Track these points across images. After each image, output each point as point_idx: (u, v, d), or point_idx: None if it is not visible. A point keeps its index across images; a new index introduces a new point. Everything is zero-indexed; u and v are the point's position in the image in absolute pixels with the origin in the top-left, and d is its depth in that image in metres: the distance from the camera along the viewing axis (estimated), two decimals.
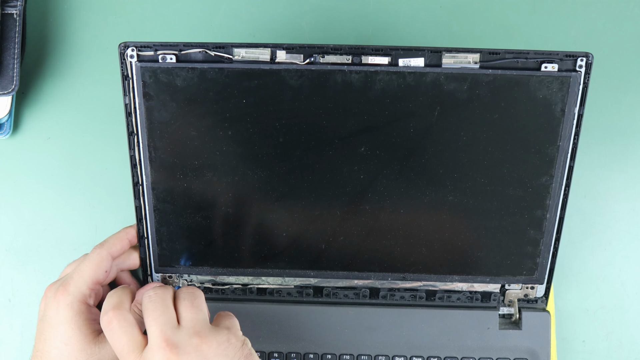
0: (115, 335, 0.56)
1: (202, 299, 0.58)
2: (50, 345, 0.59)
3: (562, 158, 0.61)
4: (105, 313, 0.57)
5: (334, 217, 0.63)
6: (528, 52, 0.58)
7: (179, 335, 0.55)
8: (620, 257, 0.72)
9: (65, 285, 0.61)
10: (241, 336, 0.57)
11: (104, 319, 0.56)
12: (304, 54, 0.58)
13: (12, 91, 0.68)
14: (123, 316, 0.56)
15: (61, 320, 0.60)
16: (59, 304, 0.60)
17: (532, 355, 0.67)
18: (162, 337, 0.54)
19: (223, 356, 0.54)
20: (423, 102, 0.59)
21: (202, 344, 0.54)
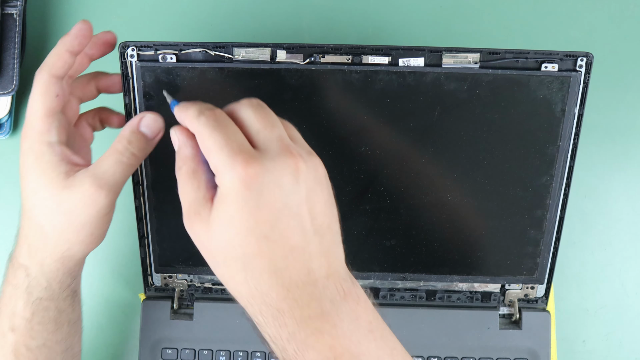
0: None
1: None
2: (23, 199, 0.53)
3: (562, 158, 0.61)
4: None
5: None
6: (528, 52, 0.58)
7: (296, 148, 0.47)
8: (620, 257, 0.72)
9: (23, 129, 0.53)
10: None
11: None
12: (304, 53, 0.58)
13: (12, 91, 0.68)
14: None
15: (25, 168, 0.52)
16: (22, 152, 0.52)
17: (532, 355, 0.67)
18: (283, 142, 0.47)
19: (327, 189, 0.48)
20: (423, 102, 0.59)
21: (317, 164, 0.48)
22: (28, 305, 0.54)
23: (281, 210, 0.45)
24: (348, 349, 0.46)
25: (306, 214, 0.46)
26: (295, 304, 0.46)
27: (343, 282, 0.47)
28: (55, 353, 0.56)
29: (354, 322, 0.46)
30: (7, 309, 0.54)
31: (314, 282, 0.46)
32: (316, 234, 0.46)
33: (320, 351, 0.46)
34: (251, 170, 0.45)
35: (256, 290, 0.46)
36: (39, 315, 0.54)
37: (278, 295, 0.46)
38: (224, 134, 0.46)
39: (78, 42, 0.53)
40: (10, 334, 0.54)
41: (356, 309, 0.47)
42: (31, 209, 0.53)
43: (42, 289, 0.54)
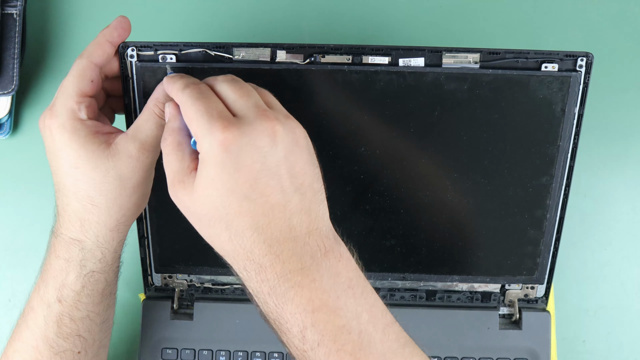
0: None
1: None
2: (61, 177, 0.55)
3: (562, 158, 0.61)
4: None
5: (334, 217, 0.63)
6: (528, 52, 0.58)
7: (273, 112, 0.50)
8: (620, 257, 0.72)
9: (51, 108, 0.55)
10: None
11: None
12: (304, 53, 0.58)
13: (12, 91, 0.68)
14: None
15: (60, 145, 0.54)
16: (51, 131, 0.54)
17: (532, 355, 0.67)
18: (259, 107, 0.49)
19: (307, 151, 0.50)
20: (423, 102, 0.59)
21: (296, 127, 0.50)
22: (80, 278, 0.56)
23: (260, 171, 0.48)
24: (326, 302, 0.48)
25: (285, 173, 0.48)
26: (276, 259, 0.48)
27: (325, 239, 0.49)
28: (95, 324, 0.58)
29: (334, 277, 0.48)
30: (56, 281, 0.56)
31: (295, 239, 0.48)
32: (296, 192, 0.49)
33: (298, 304, 0.48)
34: (228, 134, 0.47)
35: (240, 248, 0.49)
36: (89, 288, 0.56)
37: (260, 251, 0.48)
38: (205, 103, 0.49)
39: (118, 33, 0.57)
40: (57, 305, 0.56)
41: (336, 266, 0.49)
42: (75, 184, 0.54)
43: (97, 261, 0.56)
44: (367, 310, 0.49)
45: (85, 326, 0.57)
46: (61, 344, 0.56)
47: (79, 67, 0.55)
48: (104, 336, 0.60)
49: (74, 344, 0.57)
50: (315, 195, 0.50)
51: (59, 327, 0.56)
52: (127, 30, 0.57)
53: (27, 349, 0.56)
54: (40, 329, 0.56)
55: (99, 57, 0.56)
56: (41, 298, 0.56)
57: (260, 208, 0.48)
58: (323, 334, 0.48)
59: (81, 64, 0.55)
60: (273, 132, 0.48)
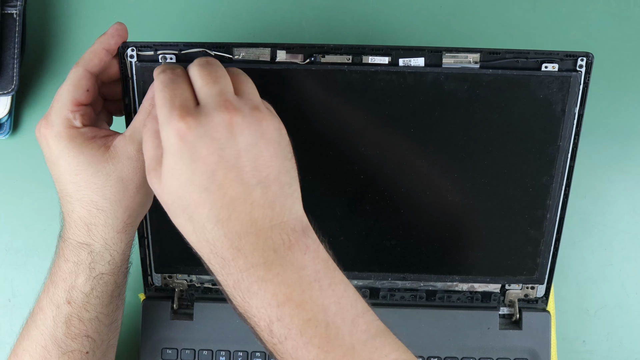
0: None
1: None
2: (63, 184, 0.55)
3: (562, 158, 0.61)
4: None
5: (334, 217, 0.63)
6: (528, 52, 0.58)
7: (239, 102, 0.49)
8: (620, 257, 0.72)
9: (46, 117, 0.55)
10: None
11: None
12: (304, 53, 0.58)
13: (12, 91, 0.68)
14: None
15: (58, 154, 0.54)
16: (47, 140, 0.54)
17: (533, 355, 0.67)
18: (222, 97, 0.48)
19: (277, 143, 0.49)
20: (423, 102, 0.59)
21: (263, 118, 0.49)
22: (89, 280, 0.56)
23: (217, 162, 0.47)
24: (290, 297, 0.47)
25: (246, 166, 0.48)
26: (238, 254, 0.48)
27: (290, 232, 0.49)
28: (104, 325, 0.58)
29: (298, 271, 0.48)
30: (65, 283, 0.56)
31: (257, 232, 0.48)
32: (258, 185, 0.48)
33: (263, 298, 0.48)
34: (184, 124, 0.47)
35: (204, 240, 0.49)
36: (98, 290, 0.56)
37: (222, 245, 0.48)
38: (171, 90, 0.49)
39: (114, 41, 0.56)
40: (66, 306, 0.56)
41: (302, 259, 0.48)
42: (78, 190, 0.54)
43: (106, 263, 0.56)
44: (335, 302, 0.48)
45: (93, 327, 0.57)
46: (69, 344, 0.56)
47: (75, 75, 0.55)
48: (112, 336, 0.60)
49: (82, 345, 0.57)
50: (282, 189, 0.49)
51: (68, 328, 0.56)
52: (123, 37, 0.57)
53: (36, 348, 0.56)
54: (49, 329, 0.56)
55: (95, 65, 0.56)
56: (50, 299, 0.56)
57: (219, 200, 0.48)
58: (289, 328, 0.47)
59: (77, 72, 0.55)
60: (230, 124, 0.47)
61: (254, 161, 0.48)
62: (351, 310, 0.49)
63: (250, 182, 0.48)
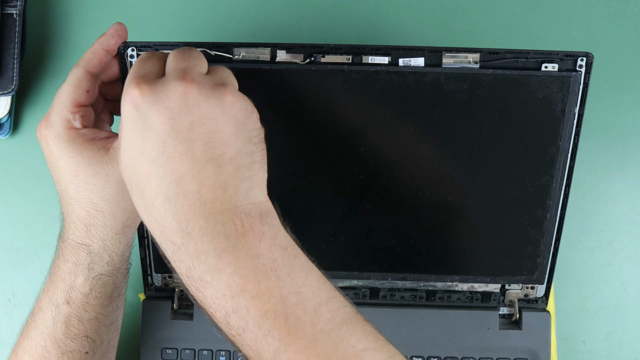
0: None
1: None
2: (63, 185, 0.55)
3: (562, 158, 0.61)
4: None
5: (334, 217, 0.63)
6: (528, 52, 0.58)
7: (204, 78, 0.47)
8: (620, 257, 0.72)
9: (46, 118, 0.55)
10: (260, 123, 0.49)
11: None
12: (304, 53, 0.58)
13: (12, 91, 0.68)
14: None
15: (58, 155, 0.54)
16: (48, 141, 0.54)
17: (533, 355, 0.67)
18: (185, 71, 0.47)
19: (241, 123, 0.47)
20: (423, 102, 0.59)
21: (228, 94, 0.47)
22: (88, 280, 0.56)
23: (168, 133, 0.45)
24: (245, 288, 0.45)
25: (199, 140, 0.45)
26: (188, 238, 0.45)
27: (245, 217, 0.46)
28: (103, 326, 0.58)
29: (253, 260, 0.45)
30: (64, 283, 0.56)
31: (206, 216, 0.45)
32: (210, 162, 0.46)
33: (217, 289, 0.45)
34: (137, 91, 0.46)
35: (154, 220, 0.47)
36: (97, 290, 0.56)
37: (172, 227, 0.46)
38: (140, 65, 0.49)
39: (114, 41, 0.56)
40: (65, 306, 0.56)
41: (257, 247, 0.45)
42: (77, 192, 0.54)
43: (104, 264, 0.56)
44: (295, 292, 0.45)
45: (93, 327, 0.57)
46: (69, 344, 0.56)
47: (75, 76, 0.55)
48: (112, 337, 0.60)
49: (82, 345, 0.57)
50: (238, 170, 0.46)
51: (67, 328, 0.56)
52: (123, 38, 0.57)
53: (36, 348, 0.56)
54: (49, 329, 0.56)
55: (95, 66, 0.56)
56: (50, 299, 0.56)
57: (168, 175, 0.45)
58: (246, 320, 0.45)
59: (77, 73, 0.55)
60: (185, 93, 0.45)
61: (208, 136, 0.46)
62: (313, 300, 0.46)
63: (201, 158, 0.45)
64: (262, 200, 0.48)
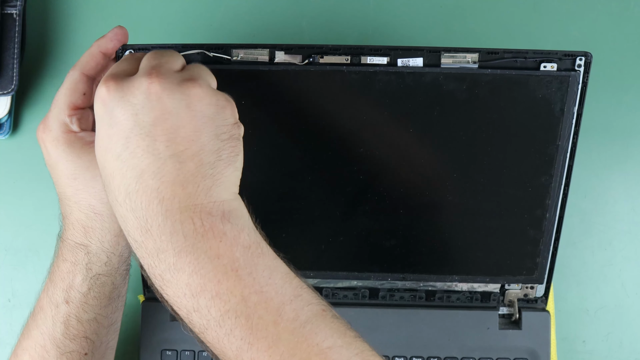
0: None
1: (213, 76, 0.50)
2: (62, 187, 0.55)
3: (561, 157, 0.60)
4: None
5: (334, 218, 0.63)
6: (527, 52, 0.58)
7: (173, 74, 0.47)
8: (620, 257, 0.72)
9: (44, 121, 0.55)
10: (237, 118, 0.49)
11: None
12: (303, 54, 0.58)
13: (12, 91, 0.68)
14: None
15: (56, 158, 0.54)
16: (45, 144, 0.54)
17: (532, 355, 0.67)
18: (153, 68, 0.47)
19: (208, 118, 0.46)
20: (422, 102, 0.59)
21: (194, 89, 0.46)
22: (86, 280, 0.56)
23: (131, 129, 0.45)
24: (205, 287, 0.44)
25: (161, 136, 0.45)
26: (147, 235, 0.45)
27: (205, 217, 0.45)
28: (102, 327, 0.58)
29: (212, 260, 0.44)
30: (63, 282, 0.56)
31: (165, 213, 0.45)
32: (172, 159, 0.45)
33: (177, 288, 0.45)
34: (104, 88, 0.46)
35: (119, 216, 0.46)
36: (95, 290, 0.56)
37: (132, 224, 0.45)
38: (116, 65, 0.49)
39: (112, 45, 0.56)
40: (64, 306, 0.56)
41: (217, 247, 0.45)
42: (76, 194, 0.54)
43: (102, 264, 0.56)
44: (257, 291, 0.45)
45: (92, 328, 0.57)
46: (68, 345, 0.56)
47: (72, 79, 0.55)
48: (112, 338, 0.60)
49: (81, 346, 0.57)
50: (200, 168, 0.46)
51: (66, 328, 0.56)
52: (122, 42, 0.57)
53: (35, 348, 0.56)
54: (48, 329, 0.56)
55: (91, 69, 0.56)
56: (50, 298, 0.56)
57: (131, 171, 0.45)
58: (207, 319, 0.44)
59: (73, 76, 0.55)
60: (148, 88, 0.45)
61: (171, 131, 0.45)
62: (276, 299, 0.45)
63: (162, 154, 0.45)
64: (226, 199, 0.47)
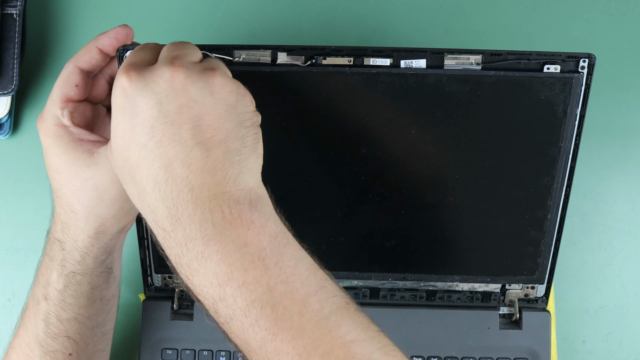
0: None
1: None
2: (50, 179, 0.55)
3: (563, 159, 0.60)
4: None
5: (335, 218, 0.63)
6: (530, 54, 0.58)
7: (194, 65, 0.47)
8: (620, 257, 0.72)
9: (42, 111, 0.55)
10: (255, 106, 0.49)
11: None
12: (305, 55, 0.58)
13: (12, 91, 0.68)
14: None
15: (47, 149, 0.54)
16: (40, 134, 0.55)
17: (533, 355, 0.67)
18: (175, 58, 0.47)
19: (231, 106, 0.46)
20: (425, 104, 0.59)
21: (217, 77, 0.46)
22: (61, 277, 0.55)
23: (156, 117, 0.45)
24: (232, 276, 0.44)
25: (187, 124, 0.45)
26: (177, 224, 0.45)
27: (233, 204, 0.45)
28: (86, 328, 0.57)
29: (240, 249, 0.44)
30: (43, 278, 0.56)
31: (195, 202, 0.45)
32: (198, 146, 0.45)
33: (204, 277, 0.45)
34: (125, 78, 0.46)
35: (147, 206, 0.46)
36: (71, 289, 0.56)
37: (162, 213, 0.45)
38: (132, 54, 0.49)
39: (109, 42, 0.56)
40: (44, 302, 0.56)
41: (245, 235, 0.45)
42: (59, 189, 0.55)
43: (76, 263, 0.55)
44: (283, 282, 0.44)
45: (74, 328, 0.56)
46: (50, 344, 0.56)
47: (65, 71, 0.56)
48: (99, 341, 0.59)
49: (64, 345, 0.56)
50: (227, 155, 0.46)
51: (47, 326, 0.56)
52: (121, 41, 0.56)
53: (21, 346, 0.56)
54: (31, 327, 0.56)
55: (85, 61, 0.56)
56: (33, 296, 0.57)
57: (157, 160, 0.45)
58: (233, 308, 0.44)
59: (67, 68, 0.56)
60: (172, 77, 0.45)
61: (196, 119, 0.45)
62: (302, 289, 0.45)
63: (189, 142, 0.45)
64: (253, 187, 0.47)
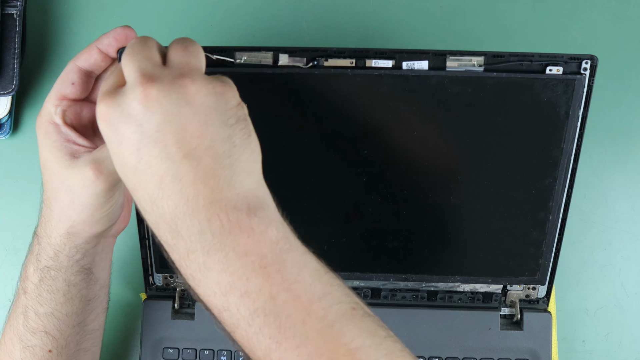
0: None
1: (200, 49, 0.48)
2: (41, 170, 0.56)
3: (565, 160, 0.61)
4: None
5: (337, 219, 0.63)
6: (533, 55, 0.58)
7: (162, 72, 0.45)
8: (620, 257, 0.72)
9: (40, 109, 0.56)
10: (238, 98, 0.47)
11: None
12: (307, 57, 0.58)
13: (12, 91, 0.68)
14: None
15: (39, 143, 0.55)
16: (36, 128, 0.56)
17: (533, 355, 0.67)
18: (140, 72, 0.45)
19: (211, 108, 0.45)
20: (427, 105, 0.59)
21: (189, 84, 0.45)
22: (37, 271, 0.56)
23: (140, 140, 0.44)
24: (234, 286, 0.44)
25: (170, 139, 0.44)
26: (178, 238, 0.45)
27: (231, 211, 0.44)
28: (65, 325, 0.58)
29: (242, 258, 0.44)
30: (24, 271, 0.57)
31: (192, 213, 0.44)
32: (187, 158, 0.44)
33: (207, 287, 0.44)
34: (103, 106, 0.45)
35: (151, 224, 0.46)
36: (47, 283, 0.56)
37: (164, 229, 0.45)
38: (104, 81, 0.48)
39: (108, 42, 0.55)
40: (23, 296, 0.57)
41: (245, 243, 0.44)
42: (45, 183, 0.56)
43: (49, 258, 0.56)
44: (286, 289, 0.44)
45: (52, 324, 0.57)
46: (29, 338, 0.56)
47: (65, 69, 0.56)
48: (82, 340, 0.59)
49: (43, 341, 0.56)
50: (217, 160, 0.45)
51: (26, 320, 0.56)
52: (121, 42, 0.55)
53: (5, 341, 0.57)
54: (14, 321, 0.57)
55: (84, 60, 0.56)
56: (17, 290, 0.58)
57: (150, 180, 0.44)
58: (237, 318, 0.44)
59: (67, 66, 0.56)
60: (145, 97, 0.44)
61: (179, 132, 0.44)
62: (305, 297, 0.44)
63: (176, 156, 0.44)
64: (250, 188, 0.46)
